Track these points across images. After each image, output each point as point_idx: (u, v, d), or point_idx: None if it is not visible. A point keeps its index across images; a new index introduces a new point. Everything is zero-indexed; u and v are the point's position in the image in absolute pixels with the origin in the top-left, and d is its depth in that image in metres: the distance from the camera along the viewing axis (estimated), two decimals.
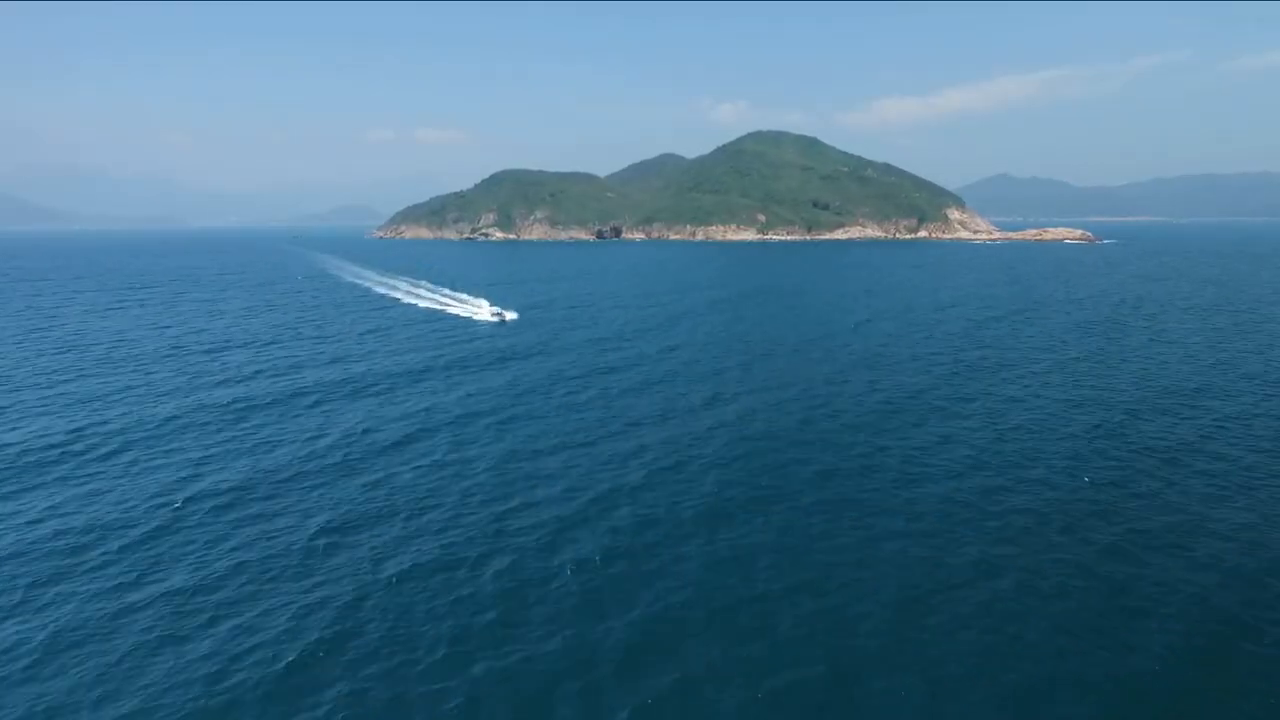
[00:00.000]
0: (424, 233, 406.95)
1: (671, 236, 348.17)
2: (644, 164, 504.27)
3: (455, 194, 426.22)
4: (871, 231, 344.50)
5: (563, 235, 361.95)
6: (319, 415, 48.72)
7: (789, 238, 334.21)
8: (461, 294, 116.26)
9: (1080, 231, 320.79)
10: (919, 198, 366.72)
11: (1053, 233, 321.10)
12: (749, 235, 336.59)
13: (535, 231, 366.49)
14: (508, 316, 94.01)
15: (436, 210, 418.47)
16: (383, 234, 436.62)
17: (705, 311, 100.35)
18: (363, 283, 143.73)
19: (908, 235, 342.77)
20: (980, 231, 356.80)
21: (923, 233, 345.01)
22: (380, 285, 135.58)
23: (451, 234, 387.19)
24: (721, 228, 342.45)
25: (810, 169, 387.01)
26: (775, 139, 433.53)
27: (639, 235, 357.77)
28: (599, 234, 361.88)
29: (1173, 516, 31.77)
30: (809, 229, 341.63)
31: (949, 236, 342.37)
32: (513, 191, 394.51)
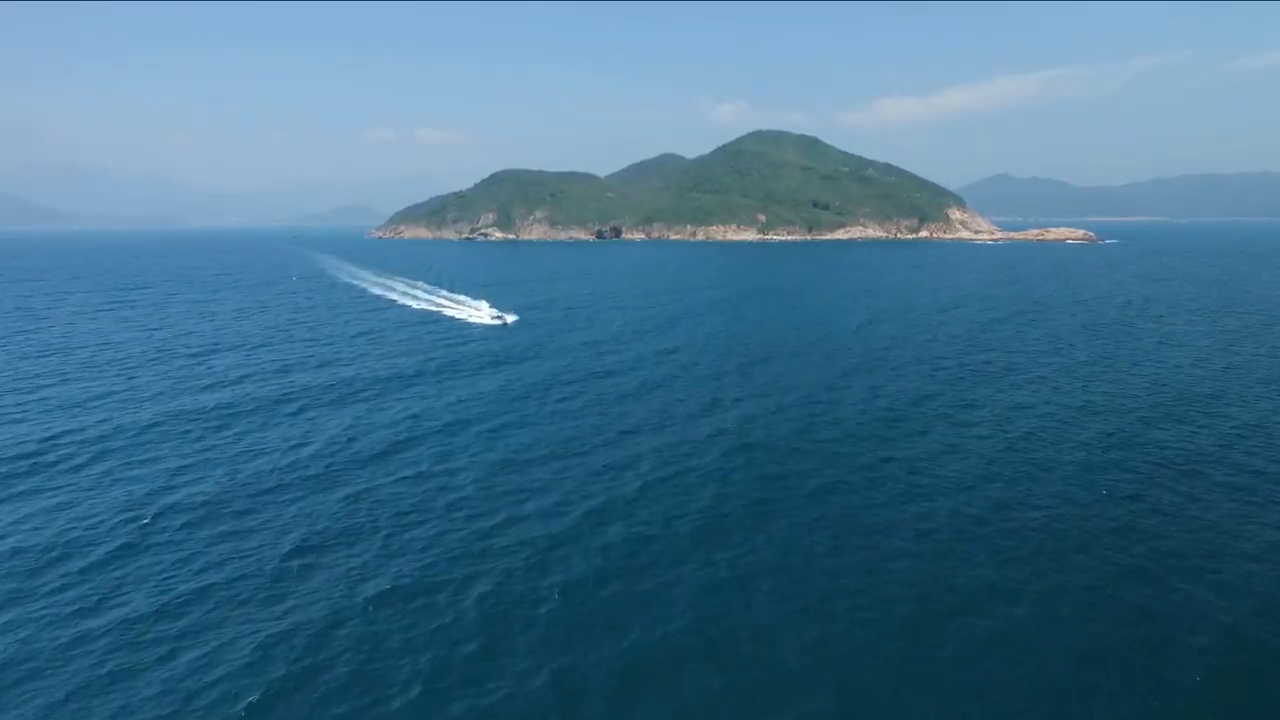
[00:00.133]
0: (423, 233, 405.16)
1: (671, 236, 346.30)
2: (644, 164, 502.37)
3: (455, 194, 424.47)
4: (872, 232, 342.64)
5: (562, 235, 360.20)
6: (303, 422, 47.06)
7: (789, 238, 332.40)
8: (459, 295, 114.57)
9: (1082, 231, 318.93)
10: (920, 198, 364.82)
11: (1055, 233, 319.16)
12: (749, 235, 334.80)
13: (535, 232, 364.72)
14: (508, 319, 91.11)
15: (436, 210, 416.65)
16: (382, 234, 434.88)
17: (704, 312, 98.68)
18: (359, 283, 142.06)
19: (909, 235, 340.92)
20: (982, 232, 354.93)
21: (924, 233, 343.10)
22: (376, 286, 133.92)
23: (451, 234, 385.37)
24: (722, 228, 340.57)
25: (810, 169, 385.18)
26: (775, 139, 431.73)
27: (639, 235, 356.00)
28: (599, 234, 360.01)
29: (1197, 534, 30.08)
30: (809, 229, 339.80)
31: (950, 237, 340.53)
32: (512, 191, 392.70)
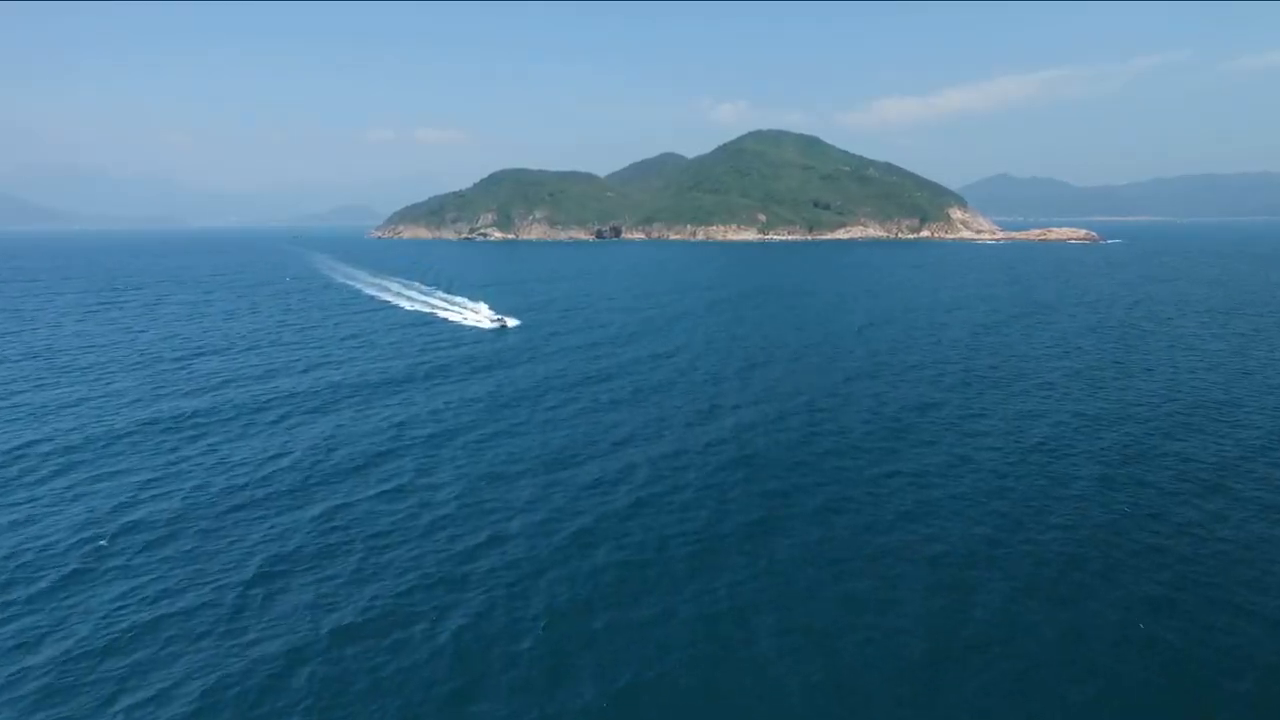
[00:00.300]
0: (422, 233, 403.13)
1: (671, 236, 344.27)
2: (644, 163, 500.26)
3: (454, 194, 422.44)
4: (873, 231, 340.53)
5: (562, 235, 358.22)
6: (283, 431, 45.08)
7: (790, 238, 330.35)
8: (454, 297, 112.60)
9: (1084, 231, 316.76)
10: (921, 197, 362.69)
11: (1057, 232, 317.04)
12: (749, 235, 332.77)
13: (534, 231, 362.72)
14: (509, 322, 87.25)
15: (435, 210, 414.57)
16: (381, 234, 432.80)
17: (703, 314, 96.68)
18: (354, 284, 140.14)
19: (910, 235, 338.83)
20: (983, 231, 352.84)
21: (925, 233, 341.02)
22: (371, 287, 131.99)
23: (450, 234, 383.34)
24: (722, 228, 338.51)
25: (811, 168, 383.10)
26: (776, 138, 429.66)
27: (639, 235, 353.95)
28: (598, 234, 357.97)
29: (1230, 559, 28.03)
30: (810, 229, 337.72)
31: (951, 236, 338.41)
32: (512, 191, 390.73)
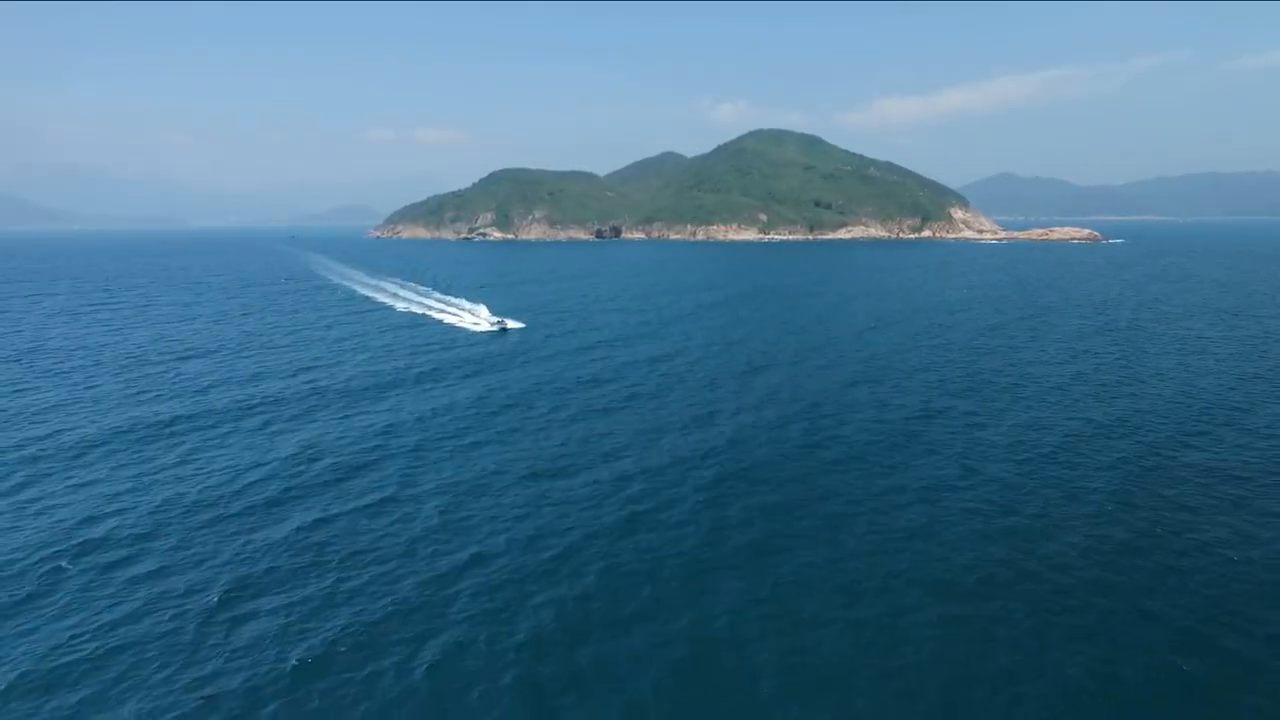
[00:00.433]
0: (421, 232, 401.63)
1: (672, 236, 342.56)
2: (644, 163, 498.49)
3: (453, 193, 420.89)
4: (875, 231, 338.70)
5: (561, 235, 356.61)
6: (265, 439, 43.42)
7: (791, 237, 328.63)
8: (451, 298, 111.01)
9: (1087, 231, 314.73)
10: (922, 197, 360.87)
11: (1059, 232, 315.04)
12: (750, 235, 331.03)
13: (534, 231, 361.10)
14: (510, 325, 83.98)
15: (434, 210, 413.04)
16: (380, 234, 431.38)
17: (703, 315, 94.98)
18: (350, 285, 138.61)
19: (911, 235, 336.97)
20: (985, 231, 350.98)
21: (926, 232, 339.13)
22: (367, 288, 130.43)
23: (449, 234, 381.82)
24: (723, 227, 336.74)
25: (812, 168, 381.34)
26: (777, 138, 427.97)
27: (639, 235, 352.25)
28: (598, 234, 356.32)
29: (1264, 585, 26.27)
30: (811, 229, 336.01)
31: (953, 236, 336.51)
32: (511, 191, 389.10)
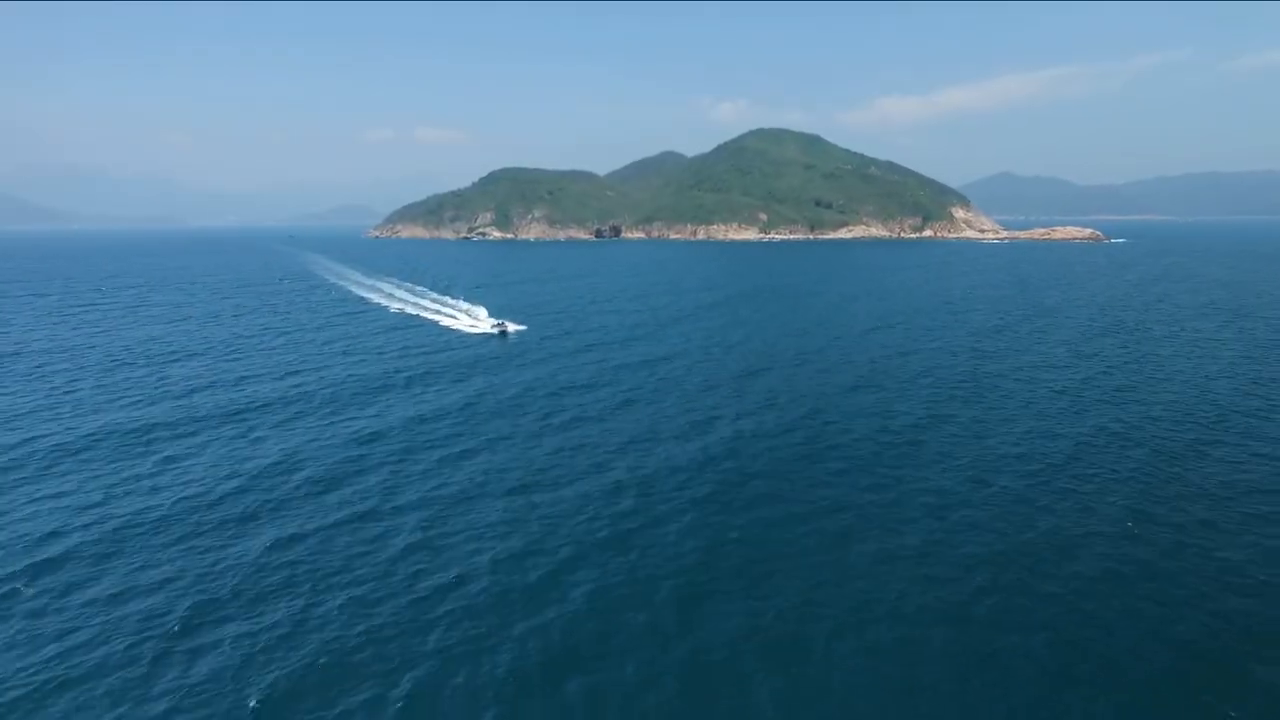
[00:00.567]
0: (420, 232, 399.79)
1: (672, 236, 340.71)
2: (644, 162, 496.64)
3: (452, 193, 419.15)
4: (876, 230, 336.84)
5: (561, 235, 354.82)
6: (245, 445, 41.70)
7: (791, 237, 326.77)
8: (447, 298, 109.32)
9: (1089, 230, 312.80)
10: (923, 196, 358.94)
11: (1061, 231, 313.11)
12: (751, 234, 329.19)
13: (533, 231, 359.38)
14: (510, 328, 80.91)
15: (433, 209, 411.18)
16: (379, 233, 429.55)
17: (701, 316, 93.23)
18: (345, 285, 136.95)
19: (913, 234, 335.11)
20: (986, 230, 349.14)
21: (928, 232, 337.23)
22: (363, 288, 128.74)
23: (448, 233, 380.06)
24: (723, 227, 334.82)
25: (813, 167, 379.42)
26: (777, 137, 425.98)
27: (639, 234, 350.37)
28: (598, 233, 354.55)
29: None
30: (812, 228, 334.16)
31: (954, 235, 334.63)
32: (510, 190, 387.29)
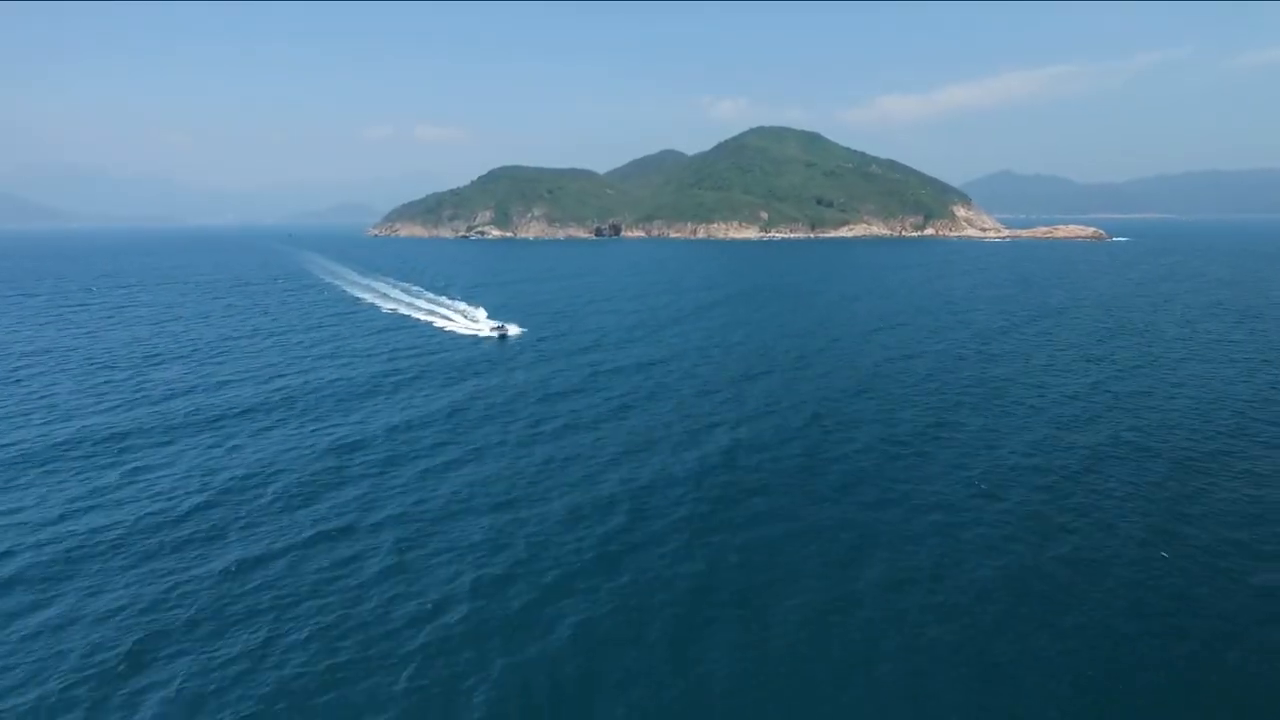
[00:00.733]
0: (419, 231, 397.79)
1: (672, 234, 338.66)
2: (644, 160, 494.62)
3: (451, 191, 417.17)
4: (877, 229, 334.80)
5: (560, 233, 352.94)
6: (220, 454, 39.86)
7: (792, 235, 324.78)
8: (443, 298, 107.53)
9: (1092, 229, 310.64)
10: (925, 195, 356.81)
11: (1064, 230, 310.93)
12: (751, 233, 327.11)
13: (533, 229, 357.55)
14: (511, 331, 77.70)
15: (432, 208, 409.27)
16: (377, 232, 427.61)
17: (701, 316, 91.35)
18: (341, 285, 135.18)
19: (914, 233, 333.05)
20: (988, 229, 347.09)
21: (929, 230, 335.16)
22: (358, 288, 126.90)
23: (447, 232, 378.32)
24: (723, 225, 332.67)
25: (814, 165, 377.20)
26: (778, 134, 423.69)
27: (639, 233, 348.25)
28: (598, 232, 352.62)
29: None
30: (813, 226, 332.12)
31: (956, 234, 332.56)
32: (510, 188, 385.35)
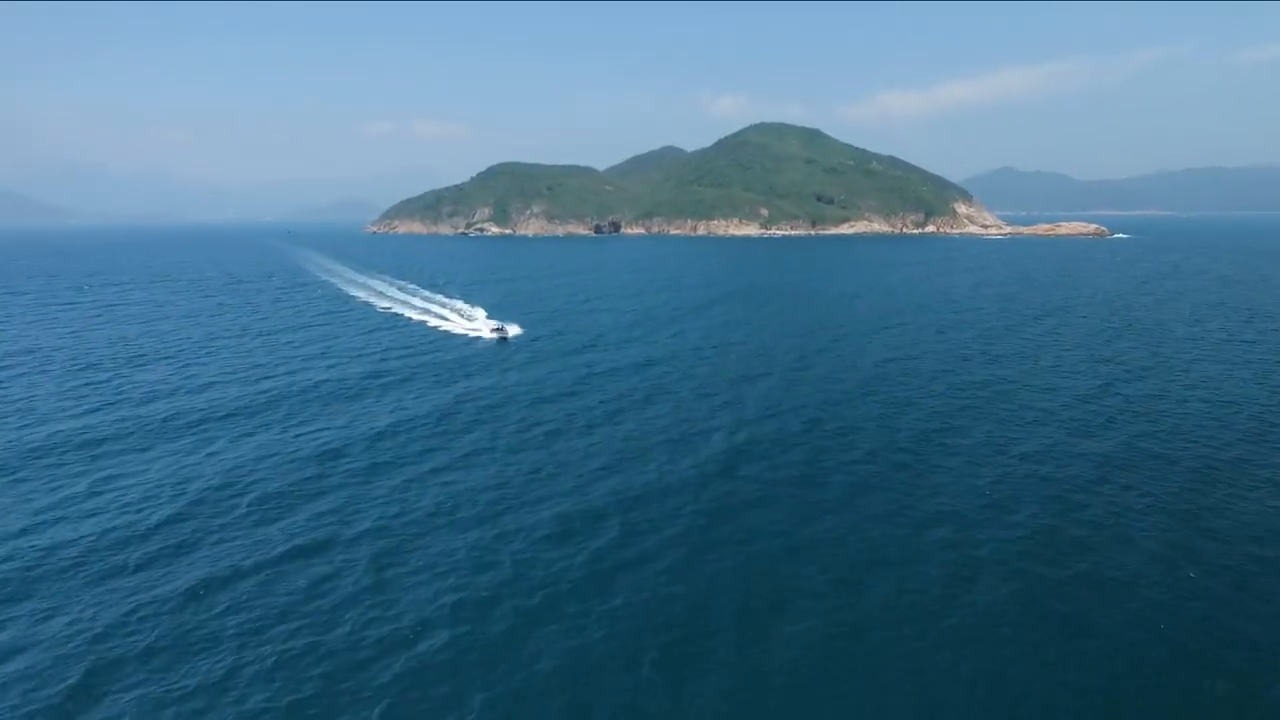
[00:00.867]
0: (418, 228, 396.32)
1: (672, 231, 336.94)
2: (643, 157, 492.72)
3: (451, 188, 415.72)
4: (878, 226, 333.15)
5: (560, 230, 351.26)
6: (196, 461, 38.24)
7: (793, 232, 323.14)
8: (440, 296, 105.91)
9: (1094, 226, 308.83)
10: (926, 191, 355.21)
11: (1067, 227, 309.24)
12: (752, 230, 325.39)
13: (532, 226, 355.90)
14: (510, 332, 74.78)
15: (431, 204, 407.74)
16: (376, 229, 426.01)
17: (700, 315, 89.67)
18: (335, 281, 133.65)
19: (915, 230, 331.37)
20: (990, 226, 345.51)
21: (930, 227, 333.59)
22: (353, 286, 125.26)
23: (446, 229, 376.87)
24: (723, 222, 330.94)
25: (814, 161, 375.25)
26: (778, 131, 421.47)
27: (639, 230, 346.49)
28: (597, 229, 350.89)
29: None
30: (813, 223, 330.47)
31: (957, 231, 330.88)
32: (509, 185, 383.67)
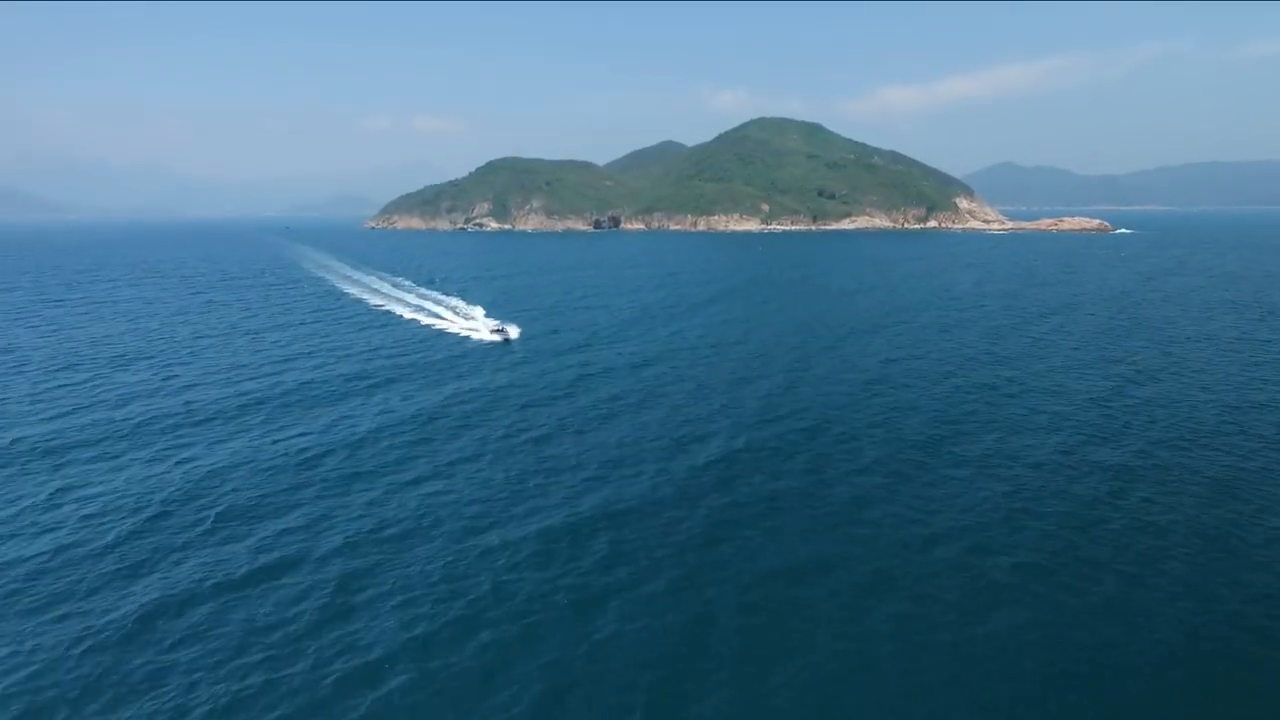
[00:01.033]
0: (416, 223, 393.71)
1: (672, 227, 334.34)
2: (643, 152, 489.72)
3: (449, 183, 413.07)
4: (879, 221, 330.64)
5: (559, 226, 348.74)
6: (164, 469, 36.41)
7: (794, 228, 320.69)
8: (436, 294, 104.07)
9: (1097, 221, 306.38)
10: (927, 186, 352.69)
11: (1070, 222, 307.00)
12: (752, 225, 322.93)
13: (531, 222, 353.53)
14: (511, 333, 71.69)
15: (430, 200, 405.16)
16: (374, 224, 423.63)
17: (699, 312, 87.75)
18: (330, 278, 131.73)
19: (917, 225, 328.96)
20: (992, 221, 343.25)
21: (932, 223, 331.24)
22: (348, 283, 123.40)
23: (445, 224, 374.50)
24: (724, 217, 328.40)
25: (815, 156, 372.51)
26: (779, 126, 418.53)
27: (638, 225, 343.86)
28: (597, 224, 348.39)
29: None
30: (814, 219, 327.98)
31: (959, 227, 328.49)
32: (508, 180, 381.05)
